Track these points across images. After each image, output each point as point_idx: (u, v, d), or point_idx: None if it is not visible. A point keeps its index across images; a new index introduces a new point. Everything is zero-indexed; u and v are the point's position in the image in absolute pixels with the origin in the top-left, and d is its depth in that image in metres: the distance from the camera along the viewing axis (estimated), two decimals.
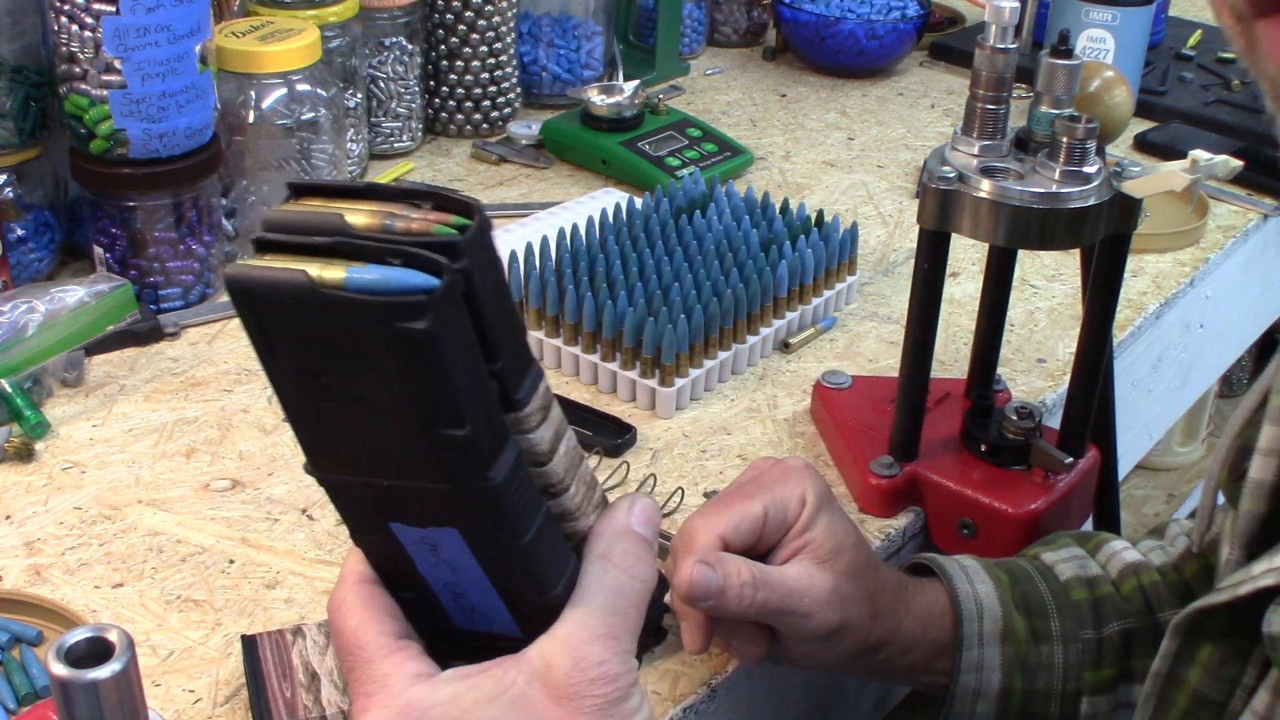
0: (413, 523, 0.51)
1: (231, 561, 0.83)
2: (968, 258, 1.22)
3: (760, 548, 0.73)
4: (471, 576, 0.52)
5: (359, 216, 0.46)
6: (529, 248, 1.07)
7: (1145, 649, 0.79)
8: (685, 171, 1.28)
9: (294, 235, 0.45)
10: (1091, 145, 0.82)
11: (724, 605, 0.69)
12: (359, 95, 1.28)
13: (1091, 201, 0.82)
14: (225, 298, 1.11)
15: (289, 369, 0.48)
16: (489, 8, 1.37)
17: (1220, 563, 0.70)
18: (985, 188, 0.83)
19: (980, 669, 0.78)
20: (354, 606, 0.55)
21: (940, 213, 0.84)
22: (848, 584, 0.73)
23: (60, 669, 0.51)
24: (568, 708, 0.52)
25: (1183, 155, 0.82)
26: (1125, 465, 1.18)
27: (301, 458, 0.51)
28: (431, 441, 0.47)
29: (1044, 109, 0.84)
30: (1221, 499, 0.73)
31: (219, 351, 1.04)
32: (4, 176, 1.06)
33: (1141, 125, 1.48)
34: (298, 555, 0.84)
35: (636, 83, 1.36)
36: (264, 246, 0.46)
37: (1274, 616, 0.58)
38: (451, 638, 0.55)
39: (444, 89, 1.40)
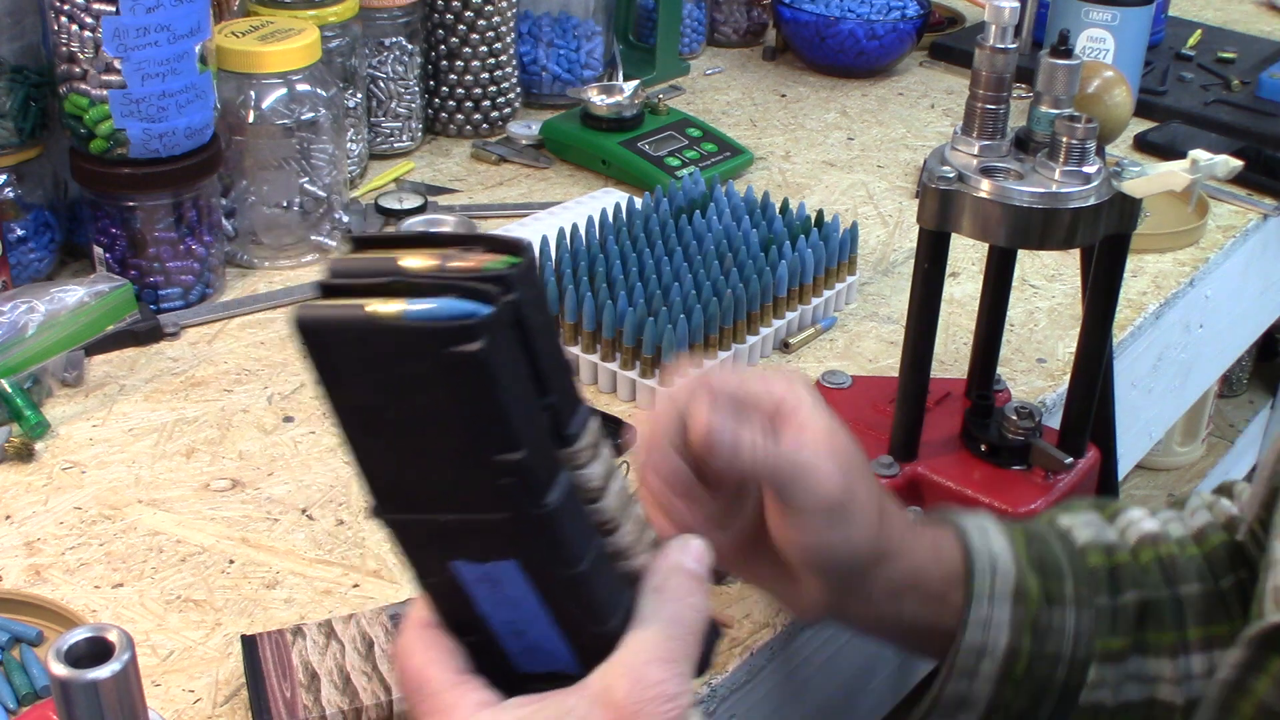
0: (474, 559, 0.52)
1: (231, 561, 0.83)
2: (968, 258, 1.22)
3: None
4: (531, 611, 0.53)
5: (415, 260, 0.49)
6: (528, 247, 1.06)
7: (1160, 622, 0.77)
8: (685, 171, 1.28)
9: (354, 279, 0.48)
10: (1091, 145, 0.82)
11: (738, 453, 0.64)
12: (359, 95, 1.28)
13: (1091, 201, 0.82)
14: (225, 297, 1.11)
15: (353, 407, 0.49)
16: (489, 8, 1.37)
17: (1274, 559, 0.67)
18: (985, 188, 0.83)
19: (988, 626, 0.75)
20: (417, 647, 0.56)
21: (940, 213, 0.84)
22: (854, 459, 0.68)
23: (60, 669, 0.51)
24: None
25: (1183, 155, 0.82)
26: (1125, 465, 1.18)
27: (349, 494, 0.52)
28: (488, 469, 0.48)
29: (1044, 109, 0.84)
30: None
31: (219, 351, 1.04)
32: (4, 176, 1.06)
33: (1141, 125, 1.48)
34: (298, 555, 0.84)
35: (636, 83, 1.36)
36: (326, 291, 0.48)
37: None
38: (513, 681, 0.56)
39: (444, 89, 1.40)
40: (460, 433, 0.48)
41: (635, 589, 0.55)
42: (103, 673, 0.51)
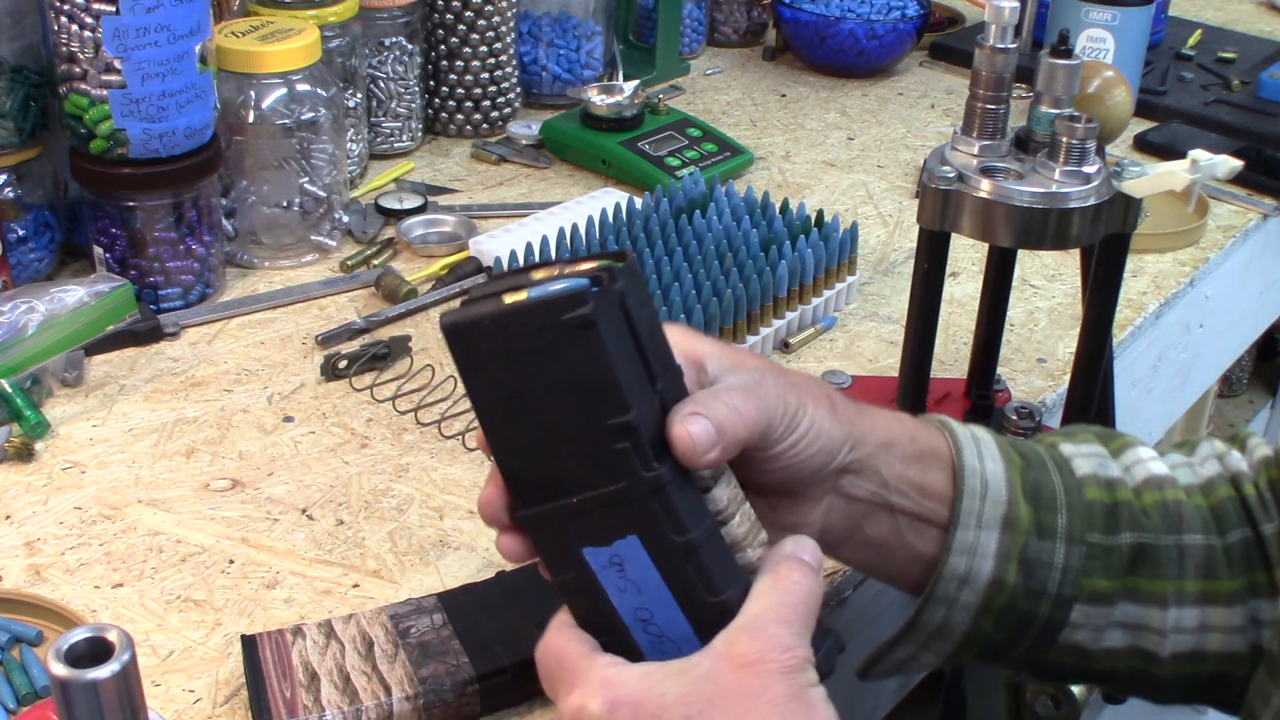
0: (600, 542, 0.57)
1: (231, 561, 0.83)
2: (968, 258, 1.22)
3: None
4: (655, 591, 0.58)
5: (540, 271, 0.58)
6: (529, 248, 1.07)
7: (1155, 569, 0.73)
8: (685, 171, 1.28)
9: (491, 288, 0.57)
10: (1091, 145, 0.82)
11: (729, 440, 0.61)
12: (359, 95, 1.28)
13: (1091, 201, 0.82)
14: (225, 297, 1.11)
15: (492, 398, 0.57)
16: (489, 8, 1.37)
17: None
18: (985, 188, 0.83)
19: (973, 553, 0.72)
20: (557, 641, 0.60)
21: (940, 213, 0.84)
22: (789, 375, 0.69)
23: (60, 669, 0.51)
24: (750, 673, 0.57)
25: (1183, 155, 0.82)
26: None
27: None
28: (605, 436, 0.55)
29: (1044, 109, 0.84)
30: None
31: (219, 351, 1.04)
32: (4, 176, 1.06)
33: (1141, 125, 1.48)
34: (298, 555, 0.84)
35: (636, 83, 1.36)
36: (470, 301, 0.57)
37: None
38: None
39: (444, 89, 1.40)
40: (579, 402, 0.55)
41: (750, 576, 0.60)
42: (103, 673, 0.51)
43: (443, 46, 1.38)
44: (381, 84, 1.33)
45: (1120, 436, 0.79)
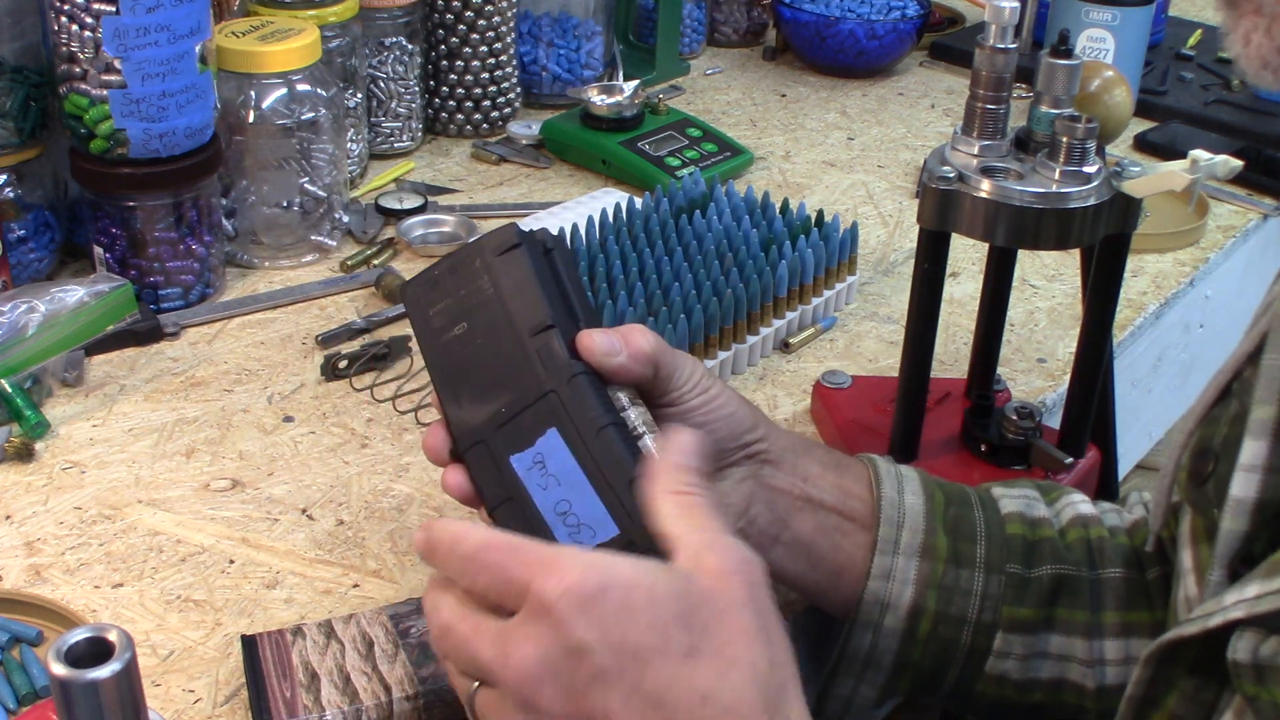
0: (524, 445, 0.65)
1: (231, 561, 0.83)
2: (968, 258, 1.22)
3: None
4: (572, 478, 0.64)
5: None
6: None
7: (1074, 600, 0.75)
8: (685, 171, 1.28)
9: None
10: (1091, 145, 0.82)
11: (633, 350, 0.67)
12: (359, 95, 1.28)
13: (1091, 201, 0.82)
14: (225, 297, 1.11)
15: (436, 338, 0.68)
16: (489, 8, 1.37)
17: (1181, 569, 0.68)
18: (985, 188, 0.83)
19: (891, 578, 0.74)
20: (496, 536, 0.59)
21: (940, 213, 0.84)
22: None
23: (60, 669, 0.51)
24: (727, 582, 0.58)
25: (1183, 155, 0.82)
26: (1125, 465, 1.18)
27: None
28: (528, 342, 0.65)
29: (1044, 109, 0.84)
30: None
31: (219, 351, 1.04)
32: (4, 176, 1.06)
33: (1141, 125, 1.48)
34: (298, 555, 0.84)
35: (636, 83, 1.36)
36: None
37: (1239, 644, 0.57)
38: None
39: (444, 89, 1.40)
40: (508, 321, 0.66)
41: (649, 456, 0.64)
42: (103, 673, 0.51)
43: (443, 46, 1.38)
44: (381, 84, 1.33)
45: (1059, 489, 0.82)
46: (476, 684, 0.58)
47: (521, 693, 0.56)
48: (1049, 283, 1.21)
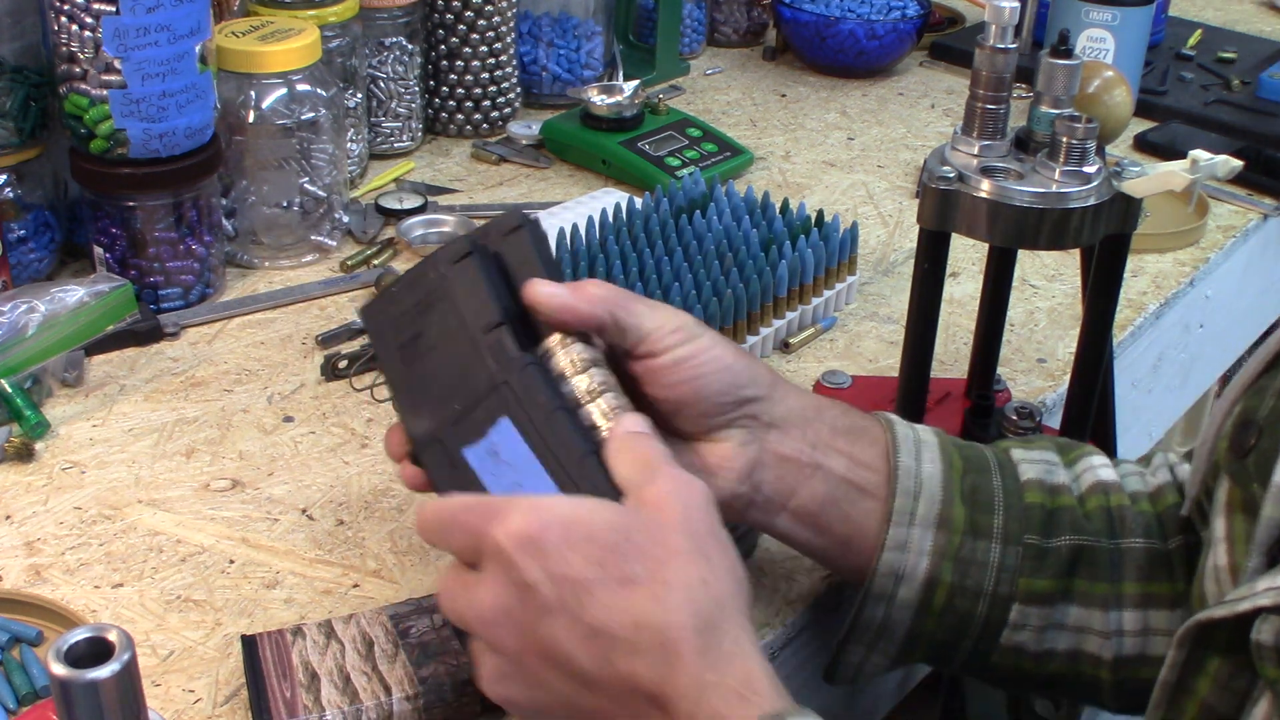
0: (477, 435, 0.67)
1: (231, 561, 0.83)
2: (968, 258, 1.22)
3: None
4: (526, 464, 0.66)
5: None
6: None
7: (1093, 571, 0.74)
8: (685, 171, 1.28)
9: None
10: (1091, 145, 0.82)
11: (581, 296, 0.69)
12: (359, 95, 1.28)
13: (1091, 201, 0.82)
14: (225, 297, 1.11)
15: (393, 348, 0.71)
16: (489, 8, 1.37)
17: (1213, 536, 0.66)
18: (985, 188, 0.83)
19: (906, 549, 0.74)
20: (450, 501, 0.64)
21: (940, 213, 0.84)
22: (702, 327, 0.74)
23: (60, 669, 0.51)
24: (665, 506, 0.61)
25: (1183, 155, 0.82)
26: None
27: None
28: (483, 344, 0.68)
29: (1044, 109, 0.84)
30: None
31: (219, 351, 1.04)
32: (4, 176, 1.06)
33: (1141, 125, 1.48)
34: (298, 555, 0.84)
35: (636, 83, 1.36)
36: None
37: (1263, 626, 0.57)
38: None
39: (444, 89, 1.40)
40: (461, 325, 0.69)
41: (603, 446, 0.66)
42: (103, 673, 0.51)
43: (443, 46, 1.38)
44: (381, 84, 1.33)
45: (1080, 448, 0.81)
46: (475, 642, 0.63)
47: (488, 638, 0.61)
48: (1049, 283, 1.21)
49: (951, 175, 0.84)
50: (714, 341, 0.72)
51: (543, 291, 0.68)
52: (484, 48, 1.38)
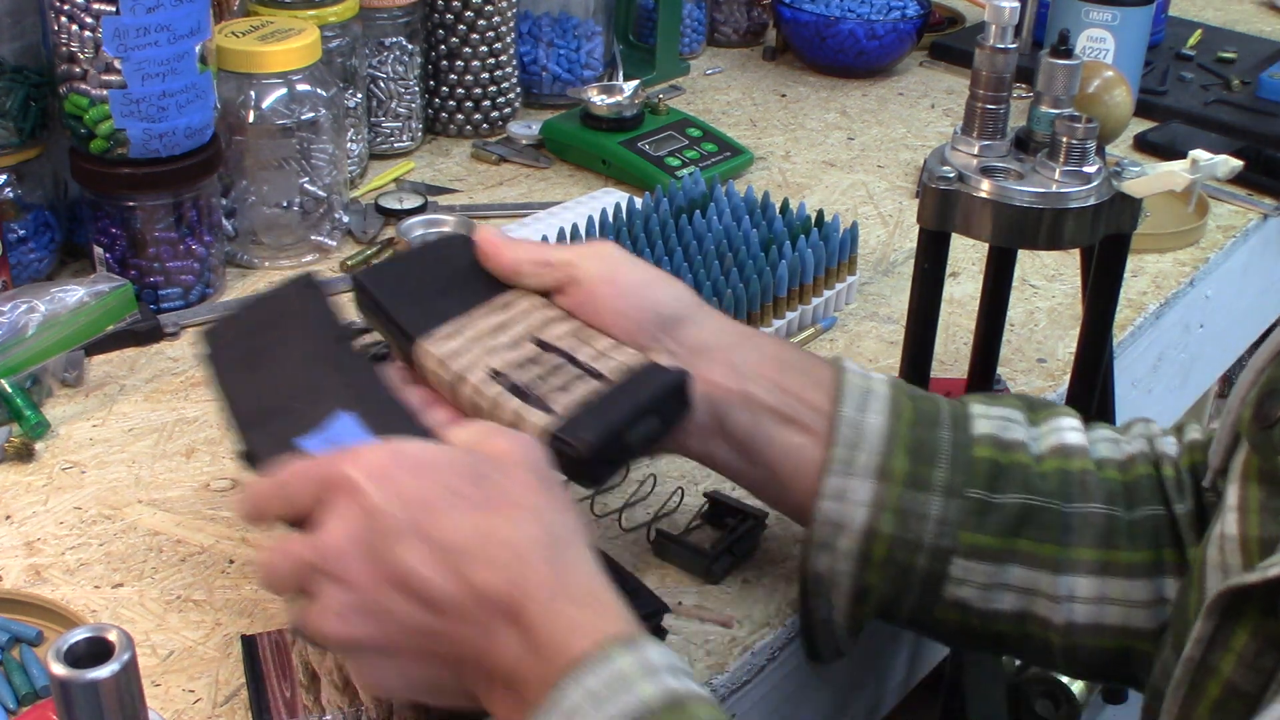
0: (316, 428, 0.69)
1: (231, 561, 0.83)
2: (968, 258, 1.22)
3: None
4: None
5: None
6: None
7: (1041, 531, 0.73)
8: (685, 171, 1.28)
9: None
10: (1091, 145, 0.82)
11: (512, 263, 0.77)
12: (359, 95, 1.28)
13: (1091, 201, 0.82)
14: (225, 297, 1.11)
15: (233, 369, 0.74)
16: (489, 8, 1.37)
17: (1224, 505, 0.65)
18: (985, 188, 0.83)
19: (844, 499, 0.73)
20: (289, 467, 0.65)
21: (940, 213, 0.84)
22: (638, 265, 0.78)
23: (60, 669, 0.51)
24: (511, 450, 0.64)
25: (1183, 155, 0.82)
26: None
27: None
28: (331, 352, 0.73)
29: (1044, 109, 0.84)
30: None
31: None
32: (4, 176, 1.06)
33: (1141, 125, 1.48)
34: None
35: (636, 83, 1.36)
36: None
37: None
38: None
39: (444, 89, 1.40)
40: (309, 339, 0.74)
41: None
42: (103, 673, 0.51)
43: (443, 46, 1.38)
44: (381, 84, 1.33)
45: (1051, 407, 0.79)
46: (298, 602, 0.63)
47: (335, 572, 0.61)
48: (1049, 283, 1.21)
49: (951, 175, 0.84)
50: (634, 266, 0.76)
51: (486, 245, 0.77)
52: (484, 48, 1.38)
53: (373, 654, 0.61)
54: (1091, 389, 0.91)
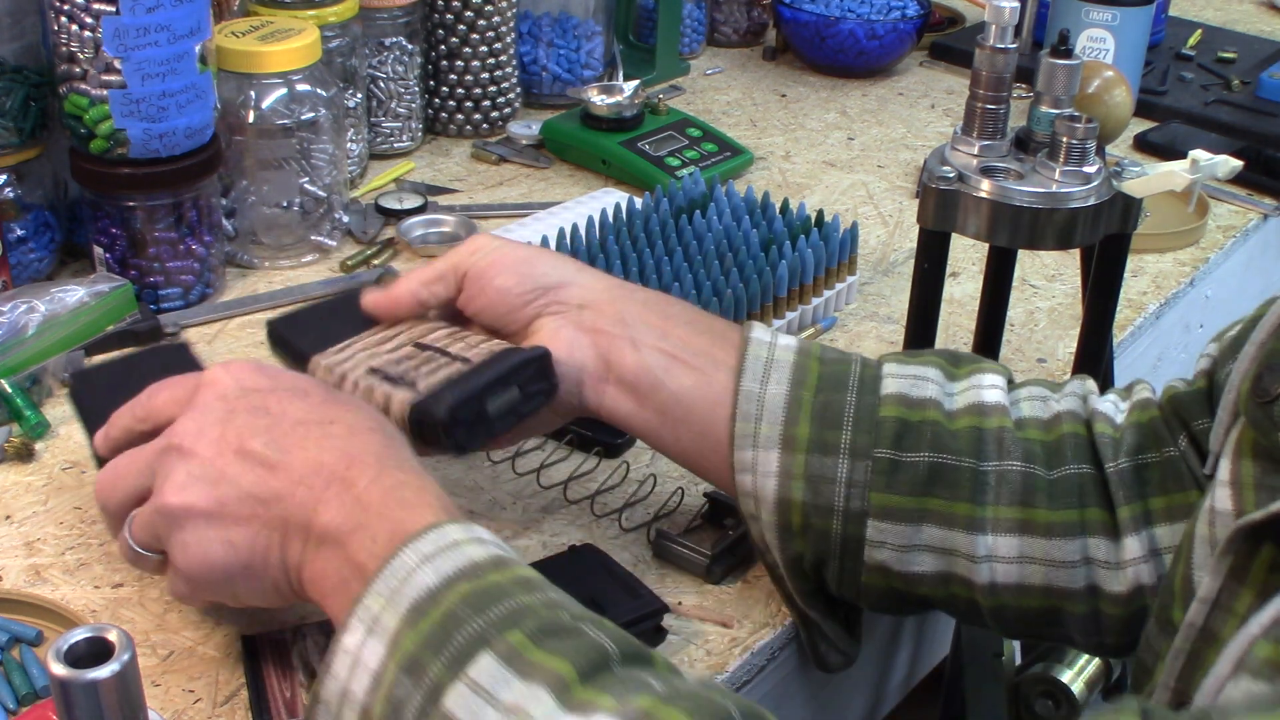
0: None
1: None
2: (968, 258, 1.22)
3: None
4: None
5: None
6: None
7: (953, 490, 0.73)
8: (685, 171, 1.28)
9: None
10: (1091, 145, 0.82)
11: (405, 294, 0.82)
12: (359, 95, 1.28)
13: (1091, 201, 0.82)
14: (225, 297, 1.11)
15: (109, 407, 0.76)
16: (489, 8, 1.37)
17: (1216, 479, 0.64)
18: (985, 188, 0.83)
19: (753, 470, 0.74)
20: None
21: (940, 213, 0.84)
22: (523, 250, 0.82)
23: (60, 669, 0.51)
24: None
25: (1183, 155, 0.82)
26: None
27: None
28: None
29: (1044, 109, 0.84)
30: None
31: (219, 351, 1.04)
32: (4, 176, 1.06)
33: (1141, 125, 1.48)
34: None
35: (636, 83, 1.36)
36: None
37: None
38: None
39: (444, 89, 1.40)
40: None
41: None
42: (103, 673, 0.51)
43: (443, 46, 1.38)
44: (381, 84, 1.33)
45: (976, 363, 0.79)
46: (131, 516, 0.70)
47: (185, 446, 0.67)
48: (1049, 283, 1.21)
49: (951, 175, 0.84)
50: (514, 246, 0.80)
51: (369, 299, 0.83)
52: (484, 48, 1.38)
53: (202, 522, 0.66)
54: None
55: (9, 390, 0.92)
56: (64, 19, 0.99)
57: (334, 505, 0.64)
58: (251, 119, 1.12)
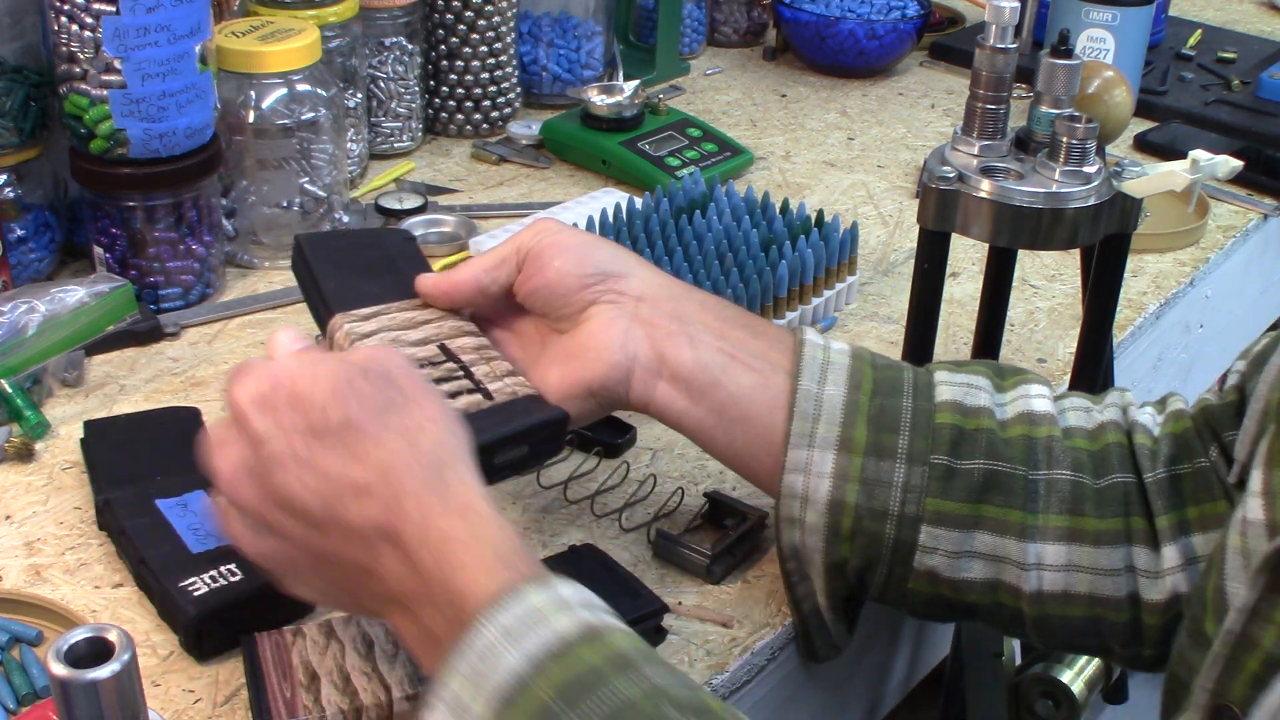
0: (174, 494, 0.82)
1: None
2: (968, 258, 1.22)
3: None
4: (205, 515, 0.79)
5: None
6: None
7: (1007, 498, 0.73)
8: (685, 171, 1.28)
9: None
10: (1091, 145, 0.82)
11: (468, 279, 0.79)
12: (359, 95, 1.28)
13: (1091, 201, 0.82)
14: (225, 297, 1.11)
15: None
16: (489, 8, 1.37)
17: (1248, 490, 0.64)
18: (985, 188, 0.83)
19: (807, 471, 0.74)
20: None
21: (940, 213, 0.84)
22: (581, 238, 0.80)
23: (60, 669, 0.51)
24: (379, 351, 0.68)
25: (1183, 155, 0.82)
26: None
27: None
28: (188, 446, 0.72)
29: (1044, 109, 0.84)
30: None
31: (219, 351, 1.04)
32: (4, 176, 1.06)
33: (1141, 125, 1.48)
34: None
35: (636, 83, 1.36)
36: None
37: None
38: (184, 562, 0.79)
39: (444, 89, 1.40)
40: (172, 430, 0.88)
41: None
42: (103, 673, 0.51)
43: (443, 46, 1.38)
44: (381, 84, 1.33)
45: (1021, 374, 0.79)
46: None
47: (230, 495, 0.64)
48: (1049, 283, 1.21)
49: (951, 175, 0.84)
50: (574, 231, 0.79)
51: (426, 284, 0.79)
52: (484, 48, 1.38)
53: (283, 569, 0.65)
54: (1091, 389, 0.91)
55: (9, 390, 0.92)
56: (64, 19, 0.99)
57: (387, 565, 0.61)
58: (251, 119, 1.12)
